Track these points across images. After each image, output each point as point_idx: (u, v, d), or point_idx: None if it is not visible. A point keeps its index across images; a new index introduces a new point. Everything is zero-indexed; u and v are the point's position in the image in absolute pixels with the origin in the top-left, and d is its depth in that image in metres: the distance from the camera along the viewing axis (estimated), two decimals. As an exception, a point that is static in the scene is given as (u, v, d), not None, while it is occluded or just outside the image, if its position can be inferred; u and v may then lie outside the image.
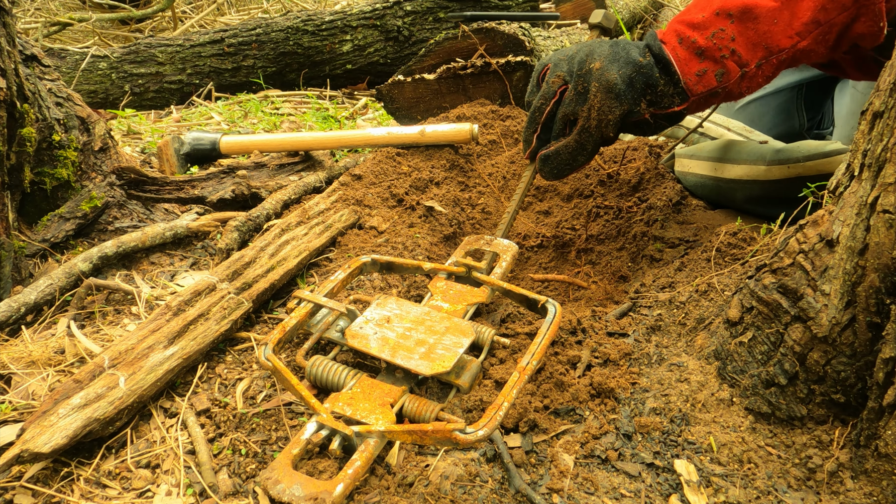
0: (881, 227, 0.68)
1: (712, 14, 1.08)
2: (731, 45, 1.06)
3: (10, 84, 1.09)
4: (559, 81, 1.13)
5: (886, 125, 0.68)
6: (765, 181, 1.14)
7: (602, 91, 1.08)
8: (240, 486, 0.75)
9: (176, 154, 1.62)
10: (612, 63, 1.09)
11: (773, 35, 1.06)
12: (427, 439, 0.69)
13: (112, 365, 0.84)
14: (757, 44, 1.07)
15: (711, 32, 1.07)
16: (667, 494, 0.73)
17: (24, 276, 1.13)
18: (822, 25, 1.06)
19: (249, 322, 1.03)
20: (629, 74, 1.08)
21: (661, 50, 1.09)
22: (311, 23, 2.65)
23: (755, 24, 1.06)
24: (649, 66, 1.08)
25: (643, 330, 0.96)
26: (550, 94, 1.14)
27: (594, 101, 1.09)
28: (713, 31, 1.07)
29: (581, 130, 1.11)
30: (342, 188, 1.39)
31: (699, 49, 1.07)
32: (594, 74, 1.09)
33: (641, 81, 1.08)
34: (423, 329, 0.86)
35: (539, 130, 1.17)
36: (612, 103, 1.08)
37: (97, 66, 2.58)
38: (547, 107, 1.14)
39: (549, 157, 1.15)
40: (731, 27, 1.06)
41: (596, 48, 1.12)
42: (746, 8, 1.06)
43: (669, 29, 1.11)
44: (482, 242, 1.20)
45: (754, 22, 1.06)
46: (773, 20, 1.05)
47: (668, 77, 1.09)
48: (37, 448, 0.72)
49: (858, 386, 0.73)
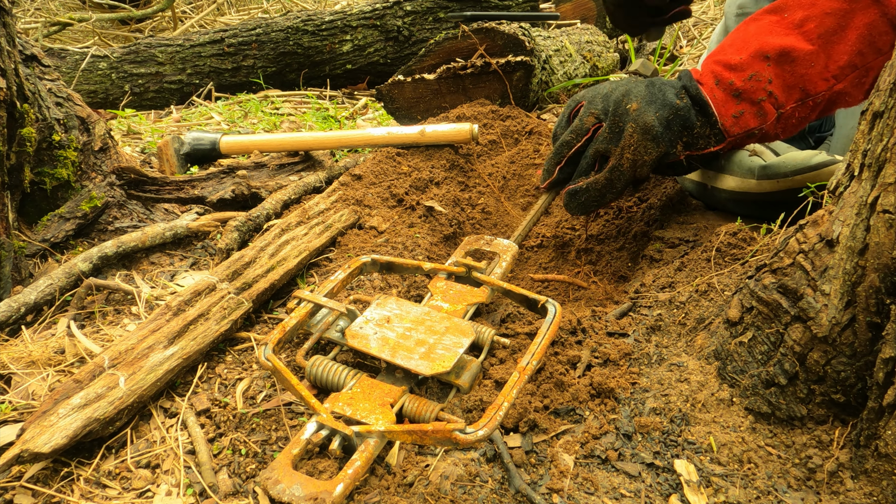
0: (881, 227, 0.68)
1: (749, 56, 1.08)
2: (769, 88, 1.07)
3: (10, 84, 1.09)
4: (593, 119, 1.13)
5: (886, 125, 0.68)
6: (756, 193, 1.15)
7: (639, 132, 1.08)
8: (240, 486, 0.75)
9: (176, 154, 1.62)
10: (649, 105, 1.09)
11: (810, 78, 1.06)
12: (427, 439, 0.69)
13: (112, 365, 0.84)
14: (793, 86, 1.07)
15: (749, 74, 1.07)
16: (667, 494, 0.73)
17: (24, 276, 1.13)
18: (858, 69, 1.06)
19: (249, 322, 1.03)
20: (666, 116, 1.08)
21: (699, 91, 1.09)
22: (311, 23, 2.65)
23: (792, 66, 1.06)
24: (686, 108, 1.08)
25: (643, 330, 0.96)
26: (583, 130, 1.14)
27: (630, 140, 1.09)
28: (750, 73, 1.07)
29: (612, 168, 1.11)
30: (342, 188, 1.40)
31: (736, 91, 1.08)
32: (631, 115, 1.09)
33: (679, 124, 1.09)
34: (423, 329, 0.86)
35: (563, 163, 1.17)
36: (648, 145, 1.08)
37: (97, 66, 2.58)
38: (577, 143, 1.14)
39: (577, 192, 1.15)
40: (769, 70, 1.07)
41: (632, 88, 1.12)
42: (784, 51, 1.06)
43: (706, 69, 1.11)
44: (482, 242, 1.20)
45: (791, 65, 1.06)
46: (811, 63, 1.06)
47: (705, 119, 1.09)
48: (37, 448, 0.72)
49: (858, 386, 0.73)
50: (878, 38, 1.05)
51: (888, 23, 1.05)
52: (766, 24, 1.11)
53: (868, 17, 1.05)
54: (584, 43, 2.34)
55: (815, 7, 1.08)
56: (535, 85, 1.88)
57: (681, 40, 3.24)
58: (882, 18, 1.04)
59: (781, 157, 1.14)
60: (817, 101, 1.08)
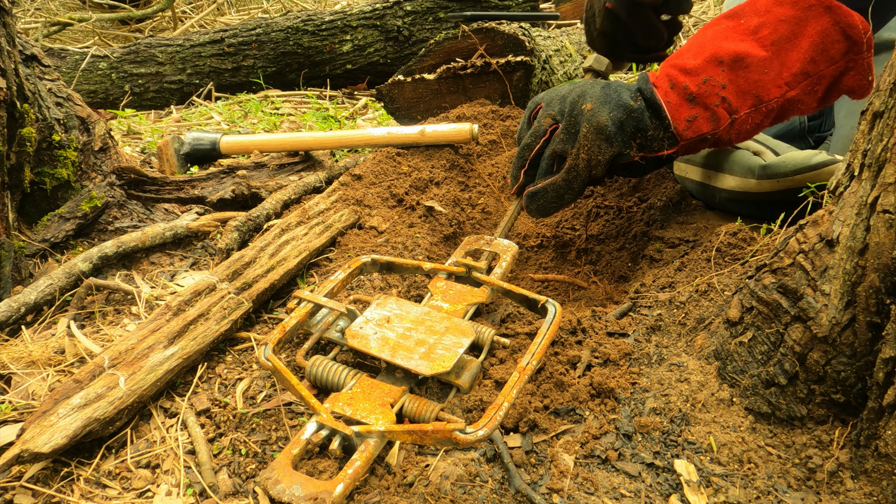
0: (881, 227, 0.68)
1: (704, 60, 1.09)
2: (722, 93, 1.08)
3: (10, 84, 1.09)
4: (550, 120, 1.14)
5: (886, 125, 0.68)
6: (756, 193, 1.15)
7: (592, 132, 1.09)
8: (240, 486, 0.75)
9: (176, 154, 1.62)
10: (603, 105, 1.09)
11: (763, 84, 1.07)
12: (427, 439, 0.69)
13: (112, 365, 0.84)
14: (747, 92, 1.08)
15: (703, 79, 1.08)
16: (667, 494, 0.73)
17: (24, 276, 1.13)
18: (810, 77, 1.07)
19: (249, 322, 1.03)
20: (620, 118, 1.09)
21: (653, 94, 1.10)
22: (311, 23, 2.65)
23: (746, 72, 1.07)
24: (640, 110, 1.09)
25: (643, 330, 0.96)
26: (541, 132, 1.15)
27: (584, 141, 1.09)
28: (704, 77, 1.08)
29: (569, 169, 1.12)
30: (342, 188, 1.40)
31: (690, 95, 1.08)
32: (585, 115, 1.10)
33: (632, 125, 1.09)
34: (423, 329, 0.86)
35: (527, 167, 1.18)
36: (602, 145, 1.09)
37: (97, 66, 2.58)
38: (536, 145, 1.15)
39: (535, 193, 1.16)
40: (723, 75, 1.08)
41: (588, 89, 1.13)
42: (738, 56, 1.07)
43: (662, 72, 1.12)
44: (482, 242, 1.20)
45: (745, 70, 1.07)
46: (764, 70, 1.07)
47: (658, 121, 1.10)
48: (37, 448, 0.72)
49: (858, 386, 0.73)
50: (831, 46, 1.06)
51: (840, 31, 1.05)
52: (722, 30, 1.12)
53: (821, 24, 1.06)
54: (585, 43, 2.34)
55: (769, 14, 1.09)
56: (536, 85, 1.88)
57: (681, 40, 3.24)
58: (835, 27, 1.05)
59: (781, 157, 1.14)
60: (770, 107, 1.09)
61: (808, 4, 1.06)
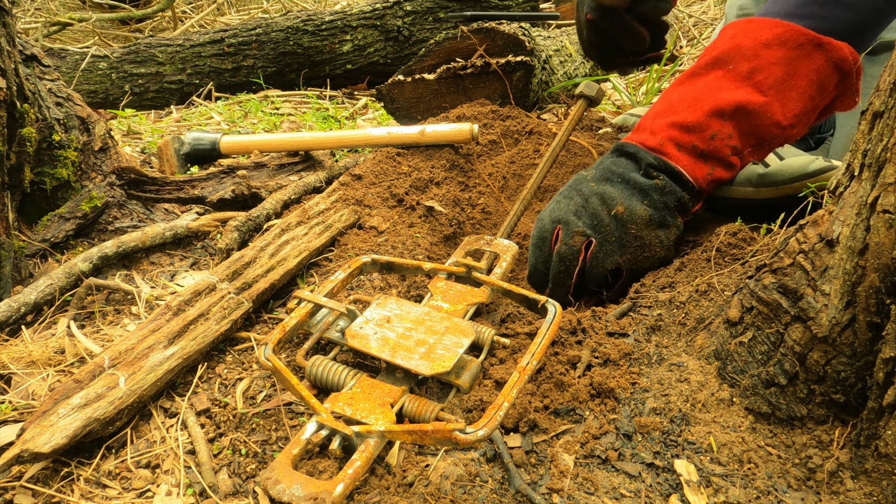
0: (881, 227, 0.68)
1: (705, 115, 1.08)
2: (731, 143, 1.08)
3: (10, 84, 1.09)
4: (581, 238, 1.09)
5: (886, 125, 0.68)
6: (755, 199, 1.16)
7: (643, 229, 1.07)
8: (240, 486, 0.75)
9: (176, 154, 1.62)
10: (632, 199, 1.07)
11: (766, 127, 1.08)
12: (427, 439, 0.69)
13: (112, 365, 0.84)
14: (750, 134, 1.09)
15: (710, 134, 1.08)
16: (667, 494, 0.73)
17: (24, 276, 1.13)
18: (809, 113, 1.09)
19: (249, 322, 1.03)
20: (656, 201, 1.07)
21: (667, 164, 1.08)
22: (311, 23, 2.65)
23: (748, 118, 1.08)
24: (665, 184, 1.08)
25: (643, 330, 0.96)
26: (574, 252, 1.09)
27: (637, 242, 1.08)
28: (711, 133, 1.08)
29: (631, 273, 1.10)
30: (342, 188, 1.40)
31: (701, 153, 1.08)
32: (623, 218, 1.07)
33: (671, 201, 1.08)
34: (423, 329, 0.86)
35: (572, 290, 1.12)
36: (658, 233, 1.08)
37: (97, 66, 2.58)
38: (576, 266, 1.09)
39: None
40: (727, 126, 1.08)
41: (604, 192, 1.09)
42: (739, 105, 1.07)
43: (662, 136, 1.10)
44: (482, 242, 1.20)
45: (748, 117, 1.08)
46: (767, 114, 1.07)
47: (682, 185, 1.09)
48: (37, 448, 0.72)
49: (858, 386, 0.73)
50: (826, 81, 1.07)
51: (833, 66, 1.06)
52: (713, 80, 1.11)
53: (814, 63, 1.06)
54: (584, 43, 2.34)
55: (759, 58, 1.08)
56: (536, 85, 1.88)
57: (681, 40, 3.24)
58: (828, 63, 1.06)
59: (779, 165, 1.15)
60: (773, 145, 1.11)
61: (797, 43, 1.06)
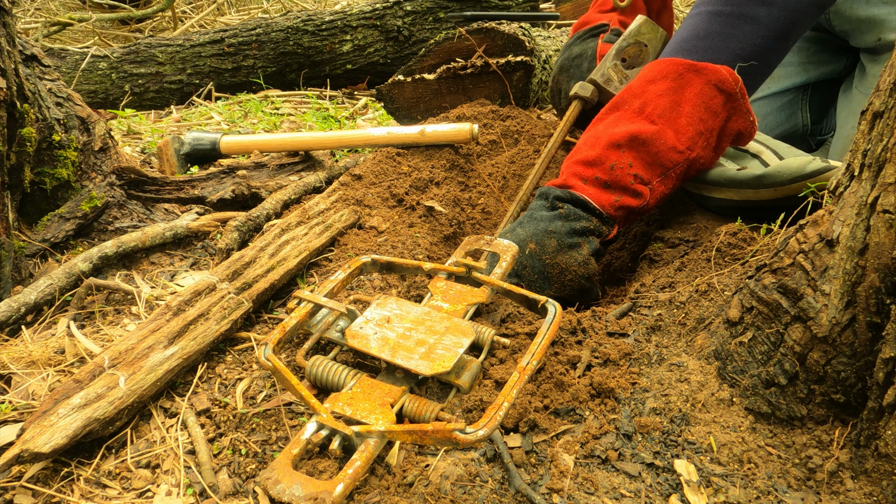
0: (881, 227, 0.68)
1: (603, 149, 1.14)
2: (632, 171, 1.13)
3: (10, 84, 1.09)
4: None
5: (886, 125, 0.68)
6: (755, 201, 1.16)
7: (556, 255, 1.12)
8: (240, 486, 0.75)
9: (176, 154, 1.62)
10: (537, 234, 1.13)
11: (664, 153, 1.14)
12: (427, 439, 0.69)
13: (112, 365, 0.84)
14: (652, 163, 1.14)
15: (610, 165, 1.14)
16: (667, 494, 0.73)
17: (24, 276, 1.13)
18: (704, 134, 1.14)
19: (249, 322, 1.03)
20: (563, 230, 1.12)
21: (572, 194, 1.14)
22: (311, 23, 2.65)
23: (644, 147, 1.13)
24: (571, 212, 1.13)
25: (643, 330, 0.96)
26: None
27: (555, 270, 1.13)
28: (610, 164, 1.14)
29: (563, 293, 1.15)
30: (342, 188, 1.39)
31: (604, 182, 1.14)
32: (537, 252, 1.13)
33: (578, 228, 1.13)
34: (423, 329, 0.86)
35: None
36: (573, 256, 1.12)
37: (97, 66, 2.58)
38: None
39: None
40: (625, 155, 1.14)
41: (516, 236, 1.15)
42: (632, 135, 1.13)
43: (568, 172, 1.17)
44: (482, 242, 1.20)
45: (643, 146, 1.13)
46: (660, 140, 1.13)
47: (590, 213, 1.14)
48: (37, 448, 0.72)
49: (858, 386, 0.73)
50: (711, 101, 1.13)
51: (714, 87, 1.12)
52: (611, 120, 1.18)
53: (696, 87, 1.13)
54: (584, 43, 2.34)
55: (646, 93, 1.15)
56: (535, 85, 1.88)
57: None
58: (707, 85, 1.12)
59: (778, 166, 1.15)
60: (677, 172, 1.15)
61: (677, 73, 1.14)
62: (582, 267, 1.13)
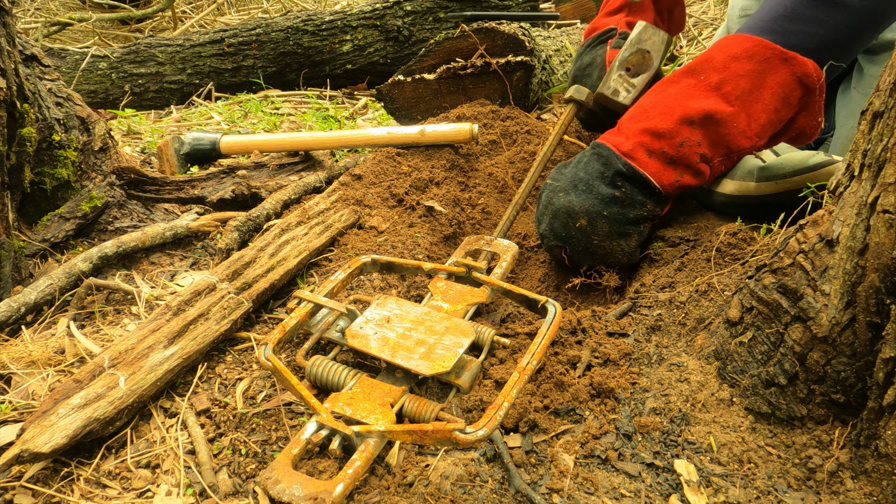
0: (881, 227, 0.68)
1: (675, 122, 1.13)
2: (699, 150, 1.13)
3: (10, 84, 1.09)
4: (558, 249, 1.21)
5: (886, 125, 0.68)
6: (755, 196, 1.16)
7: (605, 241, 1.15)
8: (240, 486, 0.75)
9: (176, 154, 1.62)
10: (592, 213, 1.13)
11: (733, 137, 1.13)
12: (427, 439, 0.69)
13: (112, 365, 0.84)
14: (719, 143, 1.13)
15: (679, 141, 1.12)
16: (667, 494, 0.73)
17: (24, 276, 1.13)
18: (774, 124, 1.14)
19: (249, 322, 1.03)
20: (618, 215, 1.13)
21: (635, 170, 1.13)
22: (311, 23, 2.65)
23: (716, 127, 1.12)
24: (629, 195, 1.13)
25: (643, 330, 0.96)
26: (557, 258, 1.24)
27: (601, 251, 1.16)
28: (680, 140, 1.12)
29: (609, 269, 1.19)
30: (342, 188, 1.39)
31: (671, 159, 1.13)
32: (586, 232, 1.14)
33: (632, 214, 1.14)
34: (423, 329, 0.86)
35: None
36: (621, 243, 1.15)
37: (97, 66, 2.58)
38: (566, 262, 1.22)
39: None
40: (696, 133, 1.13)
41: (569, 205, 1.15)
42: (707, 114, 1.12)
43: (634, 141, 1.15)
44: (482, 242, 1.20)
45: (715, 126, 1.12)
46: (733, 124, 1.12)
47: (648, 192, 1.14)
48: (37, 448, 0.72)
49: (858, 386, 0.73)
50: (790, 94, 1.12)
51: (797, 80, 1.11)
52: (685, 88, 1.16)
53: (779, 76, 1.11)
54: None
55: (728, 70, 1.13)
56: (536, 85, 1.88)
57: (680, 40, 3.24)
58: (792, 77, 1.11)
59: (780, 159, 1.14)
60: (740, 156, 1.16)
61: (764, 57, 1.11)
62: (627, 256, 1.16)
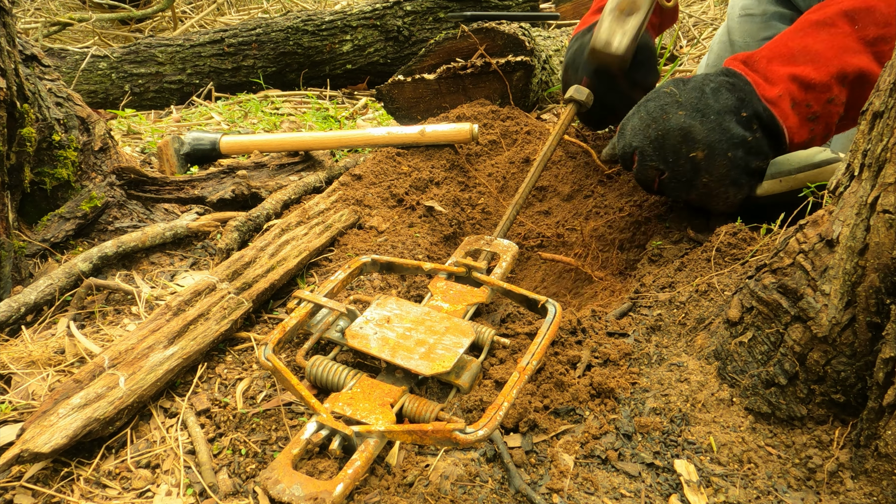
0: (881, 227, 0.68)
1: (830, 77, 1.03)
2: (841, 110, 1.05)
3: (10, 84, 1.09)
4: (654, 171, 1.09)
5: (886, 125, 0.68)
6: (759, 195, 1.16)
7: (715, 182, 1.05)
8: (240, 486, 0.75)
9: (176, 154, 1.62)
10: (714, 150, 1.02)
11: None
12: (427, 439, 0.69)
13: (112, 365, 0.84)
14: (855, 107, 1.05)
15: (829, 97, 1.03)
16: (667, 494, 0.73)
17: (24, 276, 1.13)
18: None
19: (249, 322, 1.03)
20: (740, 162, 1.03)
21: (773, 119, 1.04)
22: (311, 23, 2.65)
23: (862, 90, 1.04)
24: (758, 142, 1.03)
25: (643, 330, 0.96)
26: (648, 181, 1.12)
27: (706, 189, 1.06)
28: (829, 97, 1.03)
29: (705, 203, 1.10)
30: (342, 188, 1.39)
31: (814, 115, 1.04)
32: (701, 166, 1.04)
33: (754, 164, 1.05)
34: (423, 329, 0.86)
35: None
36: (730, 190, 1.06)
37: (97, 66, 2.58)
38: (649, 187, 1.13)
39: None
40: (844, 92, 1.04)
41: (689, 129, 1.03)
42: (862, 73, 1.03)
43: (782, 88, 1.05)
44: (482, 242, 1.21)
45: (861, 88, 1.04)
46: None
47: (775, 144, 1.05)
48: (37, 448, 0.72)
49: (858, 386, 0.73)
50: None
51: None
52: (840, 37, 1.05)
53: None
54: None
55: (889, 27, 1.03)
56: (536, 85, 1.88)
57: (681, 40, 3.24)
58: None
59: (785, 156, 1.14)
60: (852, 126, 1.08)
61: None
62: (730, 207, 1.09)
